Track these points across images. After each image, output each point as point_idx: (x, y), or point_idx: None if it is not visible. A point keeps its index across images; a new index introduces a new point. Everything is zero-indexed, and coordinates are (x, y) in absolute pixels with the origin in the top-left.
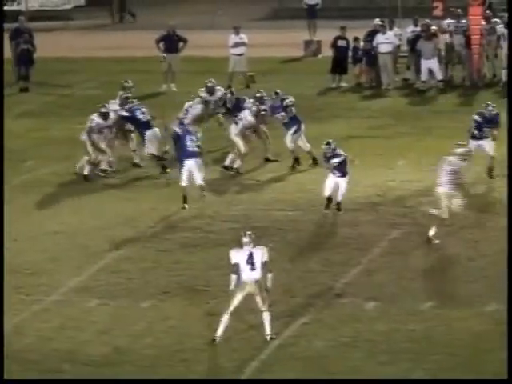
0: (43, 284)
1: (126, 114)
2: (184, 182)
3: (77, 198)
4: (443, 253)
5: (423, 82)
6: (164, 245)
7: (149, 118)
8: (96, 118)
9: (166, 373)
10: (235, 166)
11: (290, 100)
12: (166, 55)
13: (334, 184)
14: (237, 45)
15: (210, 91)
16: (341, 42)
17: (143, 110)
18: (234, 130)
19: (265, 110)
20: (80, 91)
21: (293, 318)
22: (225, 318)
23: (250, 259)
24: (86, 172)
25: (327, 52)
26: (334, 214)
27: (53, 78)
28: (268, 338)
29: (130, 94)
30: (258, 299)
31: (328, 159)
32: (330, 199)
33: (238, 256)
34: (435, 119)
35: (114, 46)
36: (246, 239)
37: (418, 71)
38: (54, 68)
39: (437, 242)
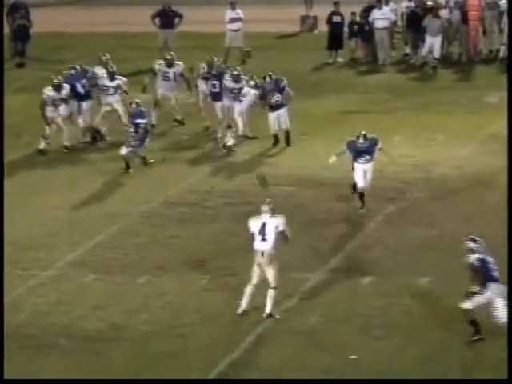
0: (40, 259)
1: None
2: (123, 152)
3: (73, 173)
4: (439, 228)
5: (423, 56)
6: (160, 220)
7: (88, 90)
8: (47, 91)
9: (162, 348)
10: (228, 143)
11: (285, 82)
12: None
13: (363, 171)
14: (233, 20)
15: (169, 64)
16: (335, 18)
17: (84, 82)
18: (237, 109)
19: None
20: None
21: (289, 292)
22: (248, 289)
23: (262, 230)
24: (40, 146)
25: (323, 27)
26: (330, 190)
27: (49, 54)
28: (264, 315)
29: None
30: (267, 272)
31: (358, 153)
32: (362, 195)
33: (253, 225)
34: (432, 95)
35: (110, 22)
36: (264, 207)
37: (414, 46)
38: (50, 43)
39: None
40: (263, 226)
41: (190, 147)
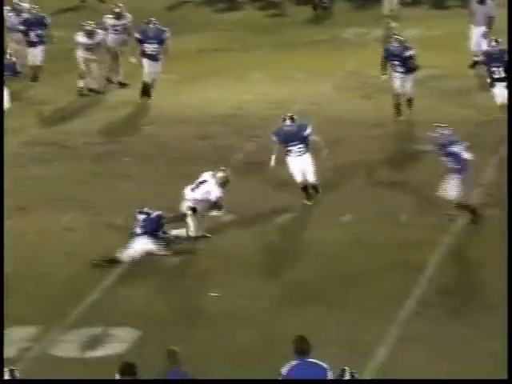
0: None
1: None
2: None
3: None
4: None
5: None
6: (19, 160)
7: None
8: None
9: (24, 288)
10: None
11: (168, 34)
12: None
13: (299, 166)
14: None
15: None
16: None
17: None
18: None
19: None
20: None
21: None
22: None
23: (198, 183)
24: None
25: None
26: (192, 128)
27: None
28: None
29: None
30: None
31: (288, 139)
32: (305, 187)
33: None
34: (291, 32)
35: None
36: (218, 173)
37: None
38: None
39: None
40: (202, 182)
41: (48, 90)
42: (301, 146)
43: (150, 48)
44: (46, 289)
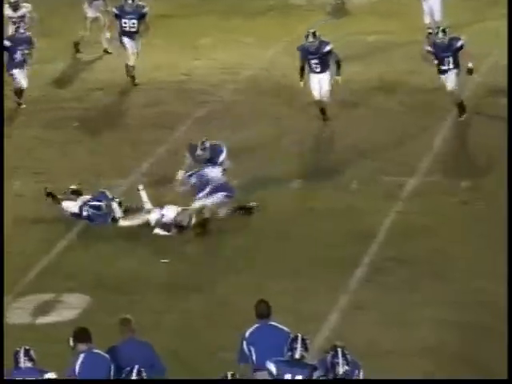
0: None
1: None
2: None
3: None
4: (249, 129)
5: None
6: None
7: None
8: None
9: None
10: None
11: (147, 9)
12: None
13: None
14: None
15: None
16: None
17: None
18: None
19: None
20: None
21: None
22: None
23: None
24: None
25: None
26: (139, 95)
27: None
28: None
29: None
30: None
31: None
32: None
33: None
34: None
35: None
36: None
37: None
38: None
39: None
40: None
41: None
42: (214, 169)
43: (128, 24)
44: None
